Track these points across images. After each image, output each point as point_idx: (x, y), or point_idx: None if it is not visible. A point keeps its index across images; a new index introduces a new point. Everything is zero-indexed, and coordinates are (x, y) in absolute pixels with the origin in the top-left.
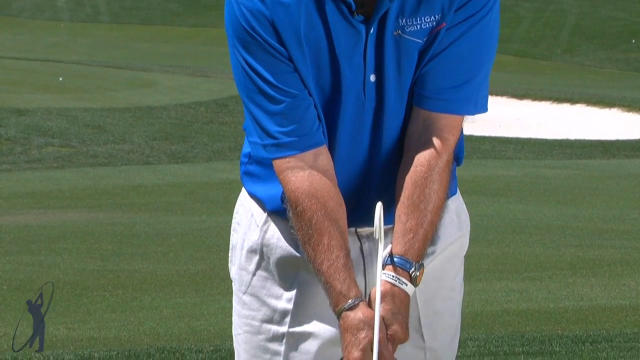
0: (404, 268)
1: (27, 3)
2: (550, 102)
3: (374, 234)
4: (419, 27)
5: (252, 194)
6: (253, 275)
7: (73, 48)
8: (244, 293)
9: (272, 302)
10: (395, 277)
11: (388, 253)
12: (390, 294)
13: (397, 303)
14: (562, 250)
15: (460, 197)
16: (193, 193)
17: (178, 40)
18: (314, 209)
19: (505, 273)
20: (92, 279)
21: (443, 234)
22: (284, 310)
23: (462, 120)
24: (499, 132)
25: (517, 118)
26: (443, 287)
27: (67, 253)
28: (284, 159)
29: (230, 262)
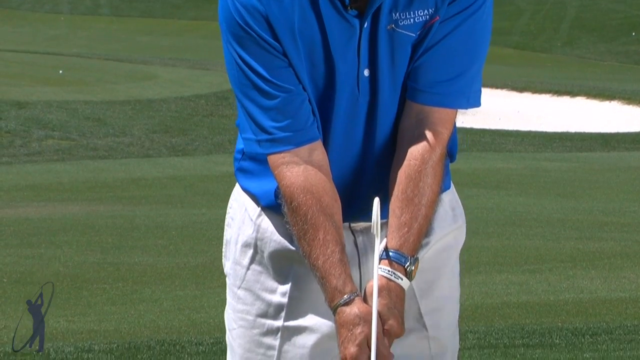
0: (399, 262)
1: None
2: (550, 94)
3: (372, 229)
4: (413, 20)
5: (246, 190)
6: (247, 270)
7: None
8: (239, 287)
9: (266, 296)
10: (391, 271)
11: (383, 247)
12: (386, 289)
13: (392, 298)
14: (562, 243)
15: (455, 191)
16: (193, 186)
17: (178, 33)
18: (309, 204)
19: (505, 266)
20: (92, 272)
21: (438, 226)
22: (279, 304)
23: (455, 114)
24: (499, 124)
25: (517, 111)
26: (441, 277)
27: (67, 246)
28: (279, 154)
29: (224, 257)
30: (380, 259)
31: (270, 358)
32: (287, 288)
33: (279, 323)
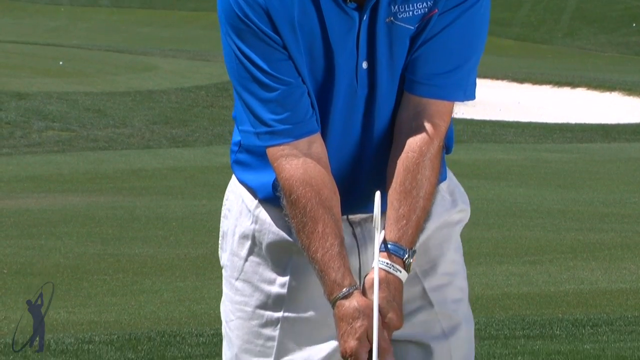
0: (398, 255)
1: None
2: (551, 86)
3: (373, 224)
4: (411, 13)
5: (243, 182)
6: (245, 261)
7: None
8: (236, 279)
9: (265, 287)
10: (390, 264)
11: (381, 239)
12: (385, 282)
13: (391, 290)
14: (562, 234)
15: (453, 177)
16: (193, 177)
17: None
18: (308, 197)
19: (506, 257)
20: (92, 263)
21: (435, 212)
22: (278, 295)
23: (452, 107)
24: (500, 116)
25: (517, 102)
26: (444, 254)
27: (67, 237)
28: (278, 147)
29: (221, 249)
30: (379, 252)
31: (270, 349)
32: (285, 279)
33: (279, 314)
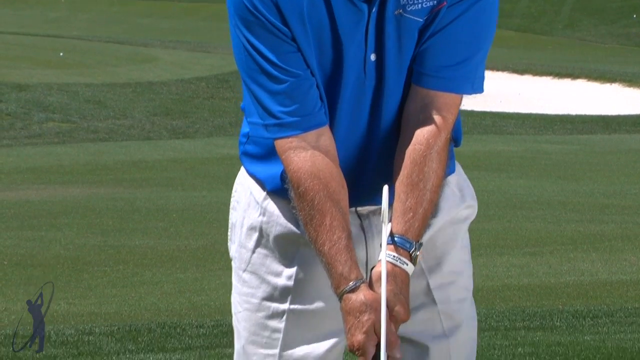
0: (405, 248)
1: None
2: (551, 77)
3: (381, 218)
4: (420, 6)
5: (251, 174)
6: (252, 253)
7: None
8: (244, 271)
9: (271, 279)
10: (397, 257)
11: (388, 232)
12: (392, 275)
13: (398, 283)
14: (563, 226)
15: (462, 172)
16: (194, 168)
17: (179, 16)
18: (316, 190)
19: (506, 248)
20: (93, 255)
21: (444, 207)
22: (284, 287)
23: (460, 99)
24: (500, 107)
25: (518, 93)
26: (450, 251)
27: (67, 228)
28: (287, 139)
29: (230, 240)
30: (387, 244)
31: (276, 341)
32: (292, 271)
33: (285, 306)
